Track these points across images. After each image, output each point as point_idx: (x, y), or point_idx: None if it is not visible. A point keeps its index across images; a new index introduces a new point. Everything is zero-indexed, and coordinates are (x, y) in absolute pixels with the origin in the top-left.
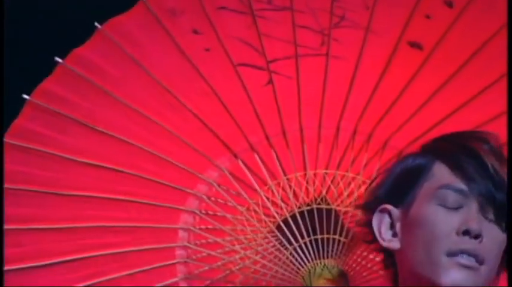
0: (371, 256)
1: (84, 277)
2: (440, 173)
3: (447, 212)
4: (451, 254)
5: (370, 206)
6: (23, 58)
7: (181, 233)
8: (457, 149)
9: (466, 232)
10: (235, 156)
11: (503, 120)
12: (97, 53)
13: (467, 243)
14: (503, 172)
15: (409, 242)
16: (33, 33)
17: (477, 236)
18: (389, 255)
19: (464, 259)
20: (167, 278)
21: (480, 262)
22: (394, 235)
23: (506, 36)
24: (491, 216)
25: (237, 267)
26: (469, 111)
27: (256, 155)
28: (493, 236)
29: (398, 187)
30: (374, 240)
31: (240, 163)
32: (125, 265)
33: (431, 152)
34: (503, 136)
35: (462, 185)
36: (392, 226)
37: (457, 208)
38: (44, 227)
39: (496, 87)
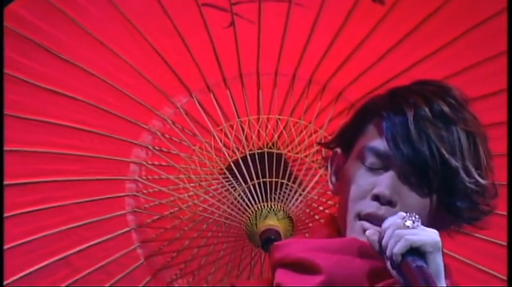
0: (315, 204)
1: (33, 202)
2: (372, 133)
3: (367, 173)
4: (359, 217)
5: (328, 147)
6: None
7: (132, 167)
8: (392, 110)
9: (377, 197)
10: (192, 95)
11: (461, 78)
12: None
13: (377, 208)
14: (441, 136)
15: (340, 195)
16: None
17: (389, 203)
18: None
19: (367, 225)
20: (115, 210)
21: None
22: (337, 180)
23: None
24: (411, 181)
25: (186, 205)
26: (425, 69)
27: (212, 96)
28: (411, 201)
29: (346, 133)
30: None
31: (196, 102)
32: (75, 193)
33: (374, 106)
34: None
35: (385, 149)
36: (337, 172)
37: (377, 170)
38: None
39: (454, 46)
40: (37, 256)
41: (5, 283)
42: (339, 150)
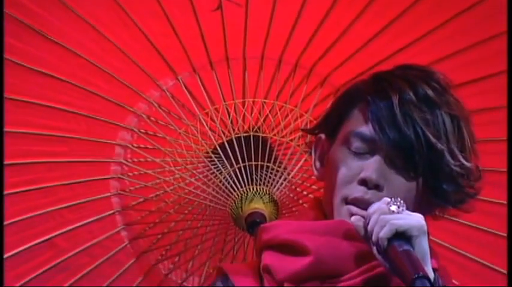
0: (299, 189)
1: (19, 183)
2: (357, 118)
3: (353, 157)
4: (345, 201)
5: (312, 132)
6: None
7: (118, 150)
8: (376, 95)
9: (364, 182)
10: (178, 78)
11: (447, 64)
12: None
13: (364, 193)
14: (426, 120)
15: (326, 179)
16: None
17: (376, 187)
18: None
19: (354, 209)
20: (100, 192)
21: None
22: (322, 165)
23: None
24: (397, 165)
25: (171, 187)
26: (411, 54)
27: (198, 79)
28: (397, 185)
29: (330, 119)
30: None
31: (182, 85)
32: (60, 175)
33: (358, 92)
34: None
35: (371, 133)
36: (322, 157)
37: (363, 154)
38: None
39: (439, 32)
40: (22, 238)
41: None
42: (323, 136)
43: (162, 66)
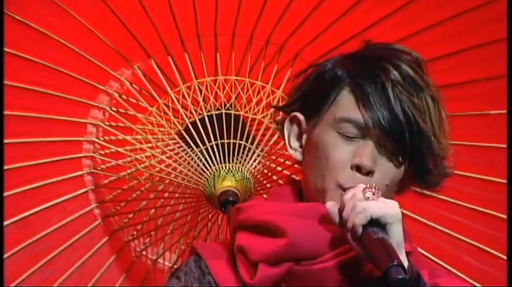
0: (272, 165)
1: None
2: (345, 101)
3: (344, 142)
4: (343, 189)
5: (285, 110)
6: None
7: (89, 128)
8: (365, 77)
9: (358, 168)
10: (149, 56)
11: (419, 39)
12: None
13: (357, 180)
14: (414, 103)
15: (309, 161)
16: None
17: (368, 173)
18: None
19: None
20: (72, 171)
21: None
22: (301, 146)
23: None
24: (388, 150)
25: (143, 165)
26: (381, 30)
27: (169, 57)
28: (386, 170)
29: (310, 99)
30: None
31: (153, 63)
32: (32, 154)
33: (343, 73)
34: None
35: (362, 118)
36: (300, 137)
37: (354, 138)
38: None
39: (409, 8)
40: None
41: None
42: (299, 115)
43: (134, 45)
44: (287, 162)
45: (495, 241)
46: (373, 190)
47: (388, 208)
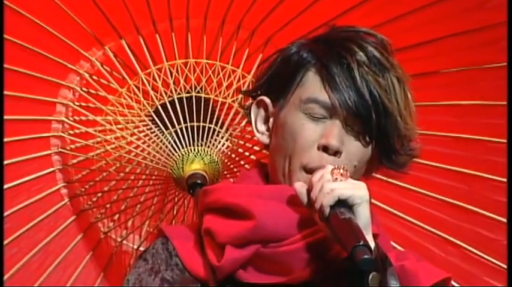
0: (241, 150)
1: None
2: (313, 82)
3: (311, 122)
4: (307, 170)
5: (252, 94)
6: None
7: (59, 108)
8: (331, 58)
9: (325, 148)
10: (121, 37)
11: (392, 27)
12: None
13: (324, 160)
14: (379, 83)
15: (276, 143)
16: None
17: (335, 153)
18: None
19: None
20: (40, 150)
21: None
22: (268, 129)
23: None
24: (354, 130)
25: (111, 146)
26: (354, 17)
27: (141, 39)
28: (353, 150)
29: (276, 82)
30: None
31: (125, 44)
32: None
33: (309, 55)
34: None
35: (328, 98)
36: (266, 120)
37: (321, 119)
38: None
39: None
40: None
41: None
42: (266, 98)
43: (105, 25)
44: (255, 147)
45: (459, 231)
46: (342, 171)
47: (356, 189)
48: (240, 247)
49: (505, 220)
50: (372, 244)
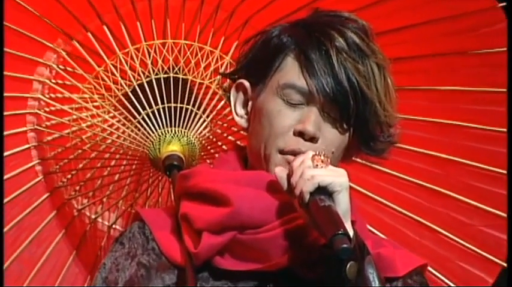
0: (218, 131)
1: None
2: (291, 68)
3: (288, 108)
4: (283, 152)
5: (232, 77)
6: None
7: (35, 85)
8: (310, 44)
9: (301, 134)
10: (99, 16)
11: (372, 11)
12: None
13: (301, 144)
14: (358, 69)
15: (254, 128)
16: None
17: (312, 139)
18: None
19: (292, 158)
20: (16, 127)
21: None
22: (247, 113)
23: None
24: (331, 116)
25: (87, 123)
26: (335, 0)
27: (119, 18)
28: (331, 137)
29: (255, 66)
30: None
31: (103, 23)
32: None
33: (288, 40)
34: None
35: (306, 84)
36: (246, 104)
37: (298, 105)
38: None
39: None
40: None
41: None
42: (245, 82)
43: (84, 4)
44: (233, 128)
45: (435, 215)
46: (323, 157)
47: (337, 176)
48: (217, 234)
49: (480, 205)
50: (351, 232)
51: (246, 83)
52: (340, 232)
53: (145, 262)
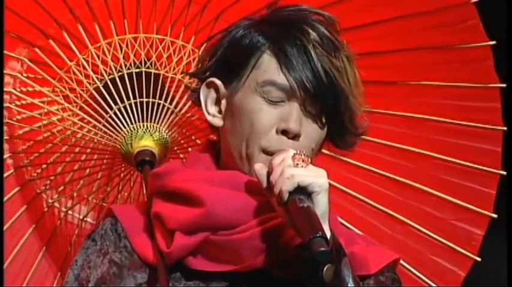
0: (191, 125)
1: None
2: (267, 65)
3: (269, 106)
4: (267, 152)
5: (200, 75)
6: None
7: (7, 79)
8: (285, 40)
9: (284, 132)
10: (71, 11)
11: (344, 6)
12: None
13: (284, 143)
14: (333, 61)
15: (232, 126)
16: None
17: (295, 137)
18: None
19: None
20: None
21: None
22: (220, 111)
23: None
24: (312, 111)
25: (58, 117)
26: None
27: (90, 12)
28: (311, 133)
29: (227, 65)
30: None
31: (75, 17)
32: None
33: (260, 38)
34: None
35: (286, 80)
36: (218, 102)
37: (279, 102)
38: None
39: None
40: None
41: None
42: (217, 81)
43: None
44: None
45: (405, 208)
46: (303, 156)
47: (317, 177)
48: (189, 234)
49: (451, 198)
50: (328, 234)
51: (218, 81)
52: (318, 235)
53: (118, 260)
